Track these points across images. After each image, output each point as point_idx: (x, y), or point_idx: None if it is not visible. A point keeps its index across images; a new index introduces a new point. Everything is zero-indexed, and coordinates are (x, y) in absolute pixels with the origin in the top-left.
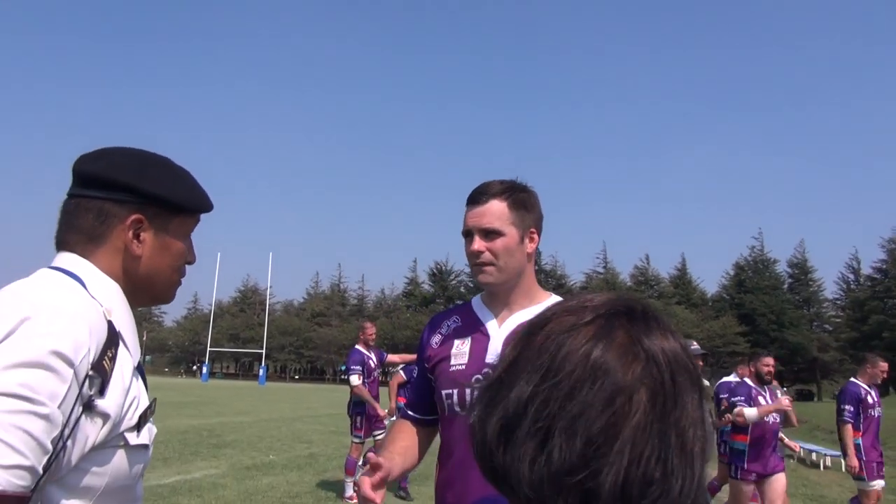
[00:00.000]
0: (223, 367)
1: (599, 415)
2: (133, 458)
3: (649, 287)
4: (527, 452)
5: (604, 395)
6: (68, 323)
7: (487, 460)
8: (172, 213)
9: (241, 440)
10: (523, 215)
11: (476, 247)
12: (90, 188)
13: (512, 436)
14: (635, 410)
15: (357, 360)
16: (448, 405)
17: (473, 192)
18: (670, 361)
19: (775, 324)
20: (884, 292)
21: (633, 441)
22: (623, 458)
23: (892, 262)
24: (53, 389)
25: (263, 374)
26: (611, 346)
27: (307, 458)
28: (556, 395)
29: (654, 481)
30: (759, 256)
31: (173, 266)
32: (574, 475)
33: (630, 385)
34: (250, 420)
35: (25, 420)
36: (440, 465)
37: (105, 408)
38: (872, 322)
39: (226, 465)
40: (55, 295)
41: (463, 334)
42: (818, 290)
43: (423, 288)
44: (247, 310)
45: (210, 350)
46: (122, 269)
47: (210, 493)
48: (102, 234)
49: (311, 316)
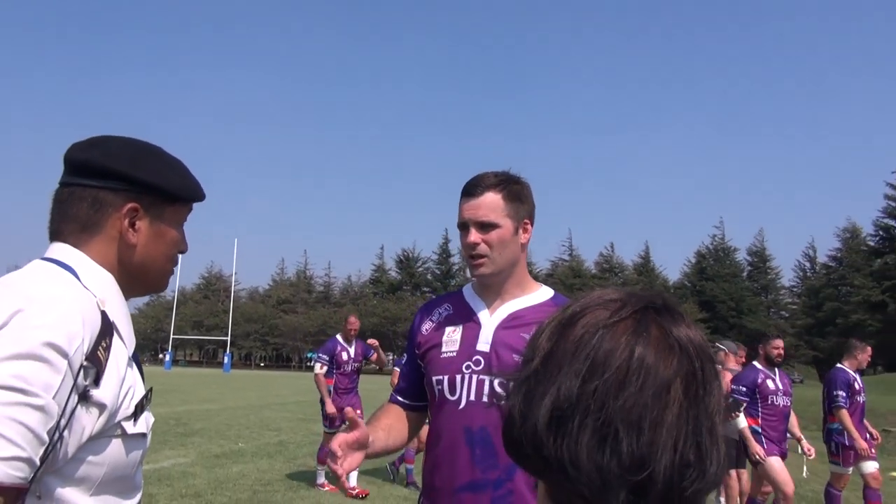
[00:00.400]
0: (187, 355)
1: (650, 407)
2: (130, 447)
3: (614, 274)
4: (582, 443)
5: (652, 388)
6: (61, 314)
7: (537, 450)
8: (167, 202)
9: (208, 428)
10: (518, 207)
11: (472, 239)
12: (84, 176)
13: (564, 428)
14: (674, 400)
15: (327, 349)
16: (438, 391)
17: (468, 185)
18: (697, 350)
19: (734, 310)
20: (838, 280)
21: (676, 429)
22: (669, 446)
23: (846, 251)
24: (48, 381)
25: (228, 362)
26: (649, 340)
27: (277, 445)
28: (607, 390)
29: (691, 465)
30: (720, 245)
31: (167, 255)
32: (643, 466)
33: (670, 377)
34: (217, 408)
35: (21, 412)
36: (428, 450)
37: (101, 398)
38: (827, 309)
39: (194, 454)
40: (48, 286)
41: (454, 322)
42: (776, 278)
43: (390, 275)
44: (211, 297)
45: (173, 337)
46: (117, 258)
47: (180, 481)
48: (97, 223)
49: (277, 303)
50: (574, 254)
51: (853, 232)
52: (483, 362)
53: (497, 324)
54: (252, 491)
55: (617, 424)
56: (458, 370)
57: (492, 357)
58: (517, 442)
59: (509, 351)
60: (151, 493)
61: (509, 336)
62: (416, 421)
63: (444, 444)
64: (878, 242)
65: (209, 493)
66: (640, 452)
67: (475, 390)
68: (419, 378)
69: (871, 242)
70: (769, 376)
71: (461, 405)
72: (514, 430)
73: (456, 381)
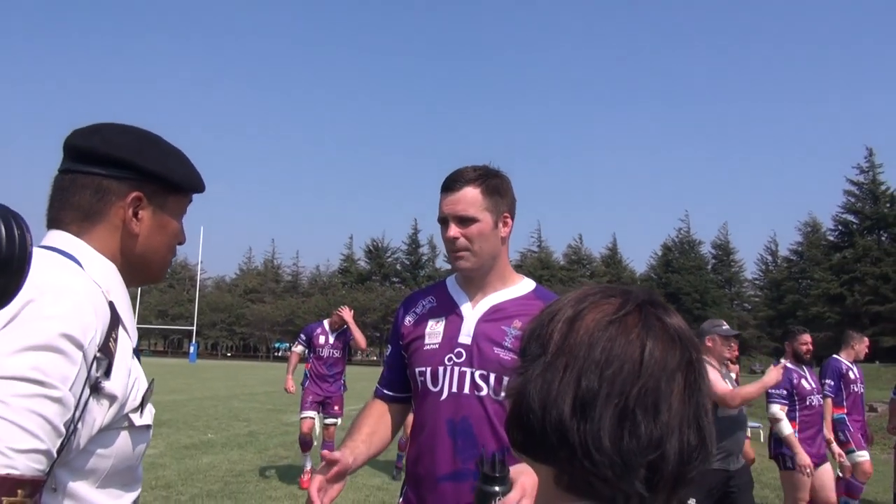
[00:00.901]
0: (151, 345)
1: (662, 393)
2: (136, 439)
3: (582, 266)
4: (605, 428)
5: (662, 376)
6: (74, 304)
7: (562, 437)
8: (169, 192)
9: (176, 419)
10: (497, 201)
11: (451, 234)
12: (87, 164)
13: (588, 414)
14: (679, 386)
15: (306, 329)
16: (421, 382)
17: (447, 180)
18: (690, 340)
19: (699, 302)
20: (799, 273)
21: (681, 413)
22: (677, 428)
23: (807, 245)
24: (65, 372)
25: (194, 352)
26: (656, 333)
27: (247, 436)
28: (626, 378)
29: (695, 446)
30: (686, 238)
31: (169, 245)
32: (658, 446)
33: (675, 365)
34: (184, 398)
35: (40, 404)
36: (411, 440)
37: (112, 389)
38: (788, 301)
39: (163, 445)
40: (57, 276)
41: (437, 314)
42: (739, 271)
43: (359, 265)
44: (176, 285)
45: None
46: (119, 247)
47: (149, 473)
48: (100, 212)
49: (244, 292)
50: (543, 245)
51: (813, 226)
52: (465, 354)
53: (479, 316)
54: (224, 482)
55: (635, 409)
56: (441, 362)
57: (473, 349)
58: (539, 432)
59: (490, 343)
60: None
61: (490, 329)
62: (400, 413)
63: (426, 434)
64: (837, 237)
65: (180, 485)
66: (657, 433)
67: (457, 382)
68: (403, 369)
69: (831, 237)
70: (802, 375)
71: (443, 396)
72: (533, 422)
73: (438, 372)
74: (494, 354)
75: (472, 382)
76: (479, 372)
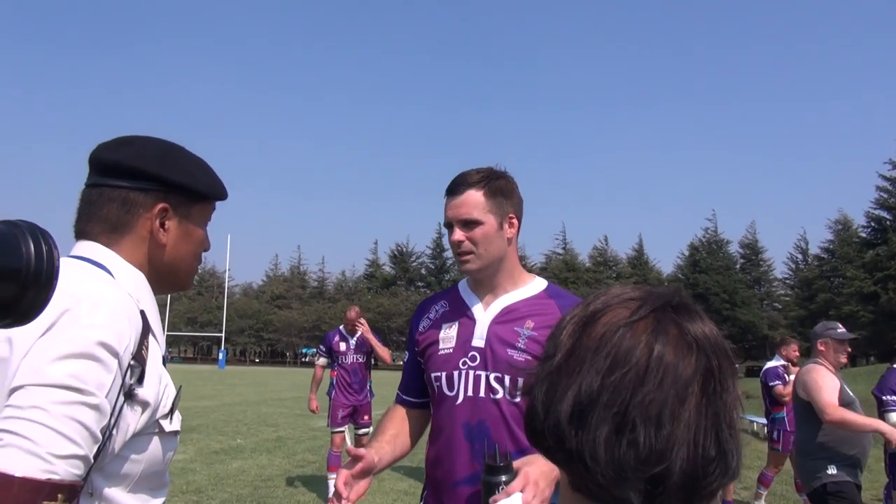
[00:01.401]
0: (181, 351)
1: (668, 403)
2: (166, 445)
3: (608, 268)
4: (601, 436)
5: (671, 385)
6: (110, 313)
7: (559, 442)
8: (194, 201)
9: (206, 424)
10: (501, 202)
11: (455, 237)
12: (114, 177)
13: (585, 421)
14: (693, 396)
15: (324, 340)
16: (437, 387)
17: (451, 183)
18: (714, 347)
19: (728, 303)
20: (830, 271)
21: (695, 424)
22: (687, 441)
23: (838, 243)
24: (101, 380)
25: (223, 358)
26: (668, 339)
27: (275, 441)
28: (626, 386)
29: (713, 459)
30: (713, 237)
31: (195, 254)
32: (661, 460)
33: (689, 374)
34: (214, 404)
35: (78, 411)
36: (430, 444)
37: (145, 396)
38: (819, 300)
39: (193, 450)
40: (92, 285)
41: (450, 319)
42: (768, 270)
43: (384, 270)
44: (204, 293)
45: (167, 334)
46: (147, 257)
47: (180, 478)
48: (127, 223)
49: (271, 298)
50: (568, 247)
51: (845, 223)
52: (479, 358)
53: (491, 319)
54: (252, 486)
55: (635, 419)
56: (456, 366)
57: (486, 352)
58: (540, 434)
59: (503, 345)
60: None
61: (503, 330)
62: (421, 419)
63: (444, 438)
64: (869, 234)
65: (210, 489)
66: (659, 446)
67: (472, 386)
68: (420, 374)
69: (863, 234)
70: None
71: (459, 400)
72: (536, 423)
73: (454, 377)
74: (508, 356)
75: (488, 385)
76: (493, 375)
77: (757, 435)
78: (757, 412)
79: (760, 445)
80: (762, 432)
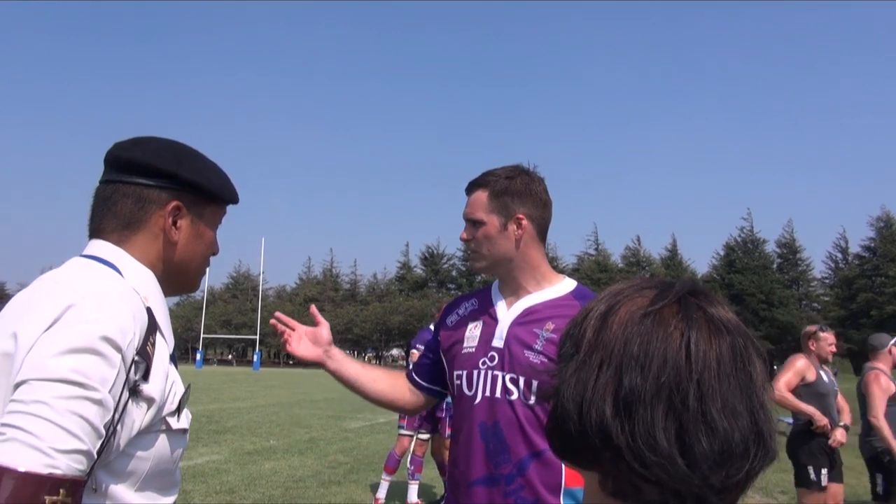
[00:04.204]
0: (217, 354)
1: (716, 389)
2: (174, 443)
3: (641, 268)
4: (657, 428)
5: (713, 369)
6: (113, 308)
7: (605, 440)
8: (206, 202)
9: (240, 426)
10: (506, 203)
11: (461, 235)
12: (129, 174)
13: (632, 414)
14: (729, 378)
15: (422, 338)
16: (458, 386)
17: (468, 183)
18: (737, 328)
19: (765, 303)
20: (872, 270)
21: (739, 408)
22: (734, 423)
23: (880, 240)
24: (104, 374)
25: (258, 360)
26: (699, 325)
27: (307, 442)
28: (671, 375)
29: (755, 441)
30: (749, 236)
31: (204, 255)
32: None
33: (726, 357)
34: (248, 406)
35: (80, 405)
36: (452, 442)
37: (150, 392)
38: (861, 300)
39: (227, 451)
40: (96, 282)
41: (476, 318)
42: (806, 270)
43: (416, 272)
44: (239, 296)
45: (203, 337)
46: (158, 255)
47: (214, 478)
48: (141, 220)
49: (304, 301)
50: (600, 248)
51: (887, 221)
52: (497, 358)
53: (512, 319)
54: (284, 487)
55: (692, 406)
56: (476, 366)
57: (505, 353)
58: (577, 435)
59: (521, 346)
60: (186, 490)
61: (522, 331)
62: (416, 399)
63: (462, 438)
64: None
65: (243, 490)
66: (720, 431)
67: (490, 386)
68: (435, 362)
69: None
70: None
71: (477, 400)
72: (570, 425)
73: (473, 376)
74: (525, 357)
75: (504, 386)
76: (509, 376)
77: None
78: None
79: None
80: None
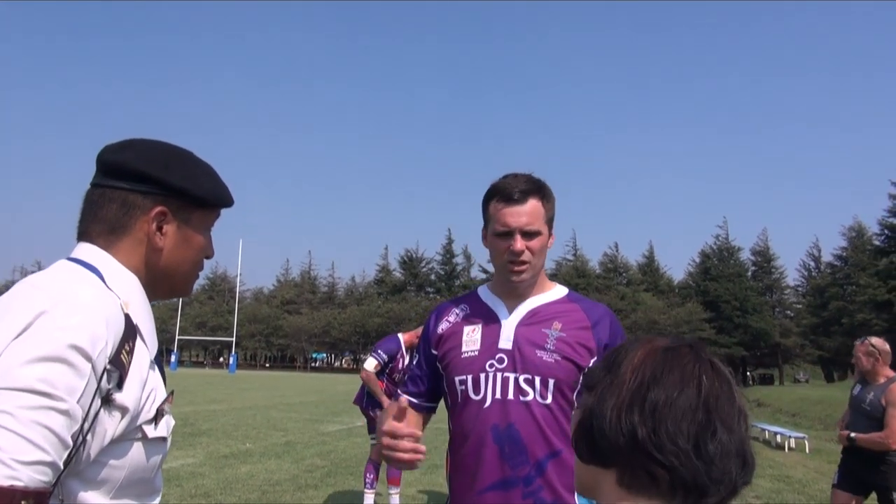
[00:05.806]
0: (192, 356)
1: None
2: (151, 451)
3: (618, 274)
4: (676, 430)
5: (720, 398)
6: (85, 316)
7: (632, 438)
8: (195, 207)
9: (215, 429)
10: (551, 213)
11: (519, 246)
12: (115, 178)
13: (655, 418)
14: (726, 402)
15: (389, 348)
16: (461, 391)
17: (508, 188)
18: (729, 374)
19: (739, 310)
20: (843, 279)
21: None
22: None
23: (851, 250)
24: (72, 384)
25: (234, 362)
26: (707, 365)
27: (284, 446)
28: (686, 392)
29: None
30: (724, 244)
31: (193, 260)
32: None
33: (728, 392)
34: (223, 408)
35: (45, 416)
36: (454, 451)
37: (123, 401)
38: (832, 308)
39: (202, 454)
40: (72, 288)
41: (472, 322)
42: (780, 278)
43: (394, 275)
44: (216, 297)
45: (178, 338)
46: (143, 261)
47: (189, 482)
48: (125, 225)
49: (282, 303)
50: (578, 254)
51: (859, 231)
52: (507, 360)
53: (518, 321)
54: (261, 491)
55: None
56: (482, 369)
57: (515, 354)
58: (601, 438)
59: (532, 347)
60: (162, 494)
61: (531, 332)
62: (421, 424)
63: (470, 444)
64: (883, 241)
65: (218, 494)
66: (723, 441)
67: (500, 388)
68: (433, 376)
69: (877, 242)
70: None
71: (486, 404)
72: (601, 429)
73: (480, 379)
74: (537, 357)
75: (517, 387)
76: (523, 376)
77: (768, 443)
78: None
79: (770, 453)
80: (773, 440)
